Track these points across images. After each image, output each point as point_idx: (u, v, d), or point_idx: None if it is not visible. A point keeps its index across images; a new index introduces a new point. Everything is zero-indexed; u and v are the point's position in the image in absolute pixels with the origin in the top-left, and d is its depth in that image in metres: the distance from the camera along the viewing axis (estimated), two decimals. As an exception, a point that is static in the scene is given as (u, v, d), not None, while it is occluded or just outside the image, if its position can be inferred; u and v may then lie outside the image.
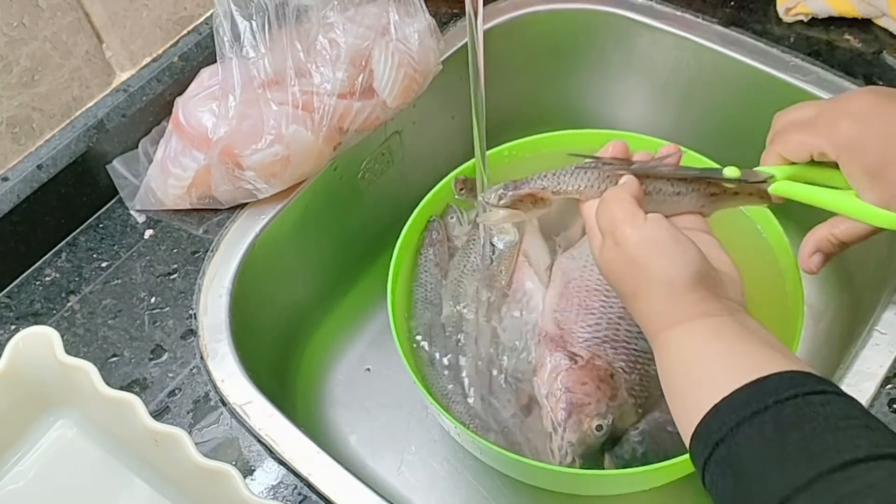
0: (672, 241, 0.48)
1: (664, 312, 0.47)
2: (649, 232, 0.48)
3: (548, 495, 0.62)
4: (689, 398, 0.44)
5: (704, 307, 0.47)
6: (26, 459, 0.60)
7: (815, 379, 0.41)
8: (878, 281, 0.69)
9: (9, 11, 0.62)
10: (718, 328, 0.46)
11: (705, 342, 0.45)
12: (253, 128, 0.66)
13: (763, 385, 0.40)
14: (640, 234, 0.48)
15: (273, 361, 0.75)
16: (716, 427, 0.40)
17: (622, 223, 0.49)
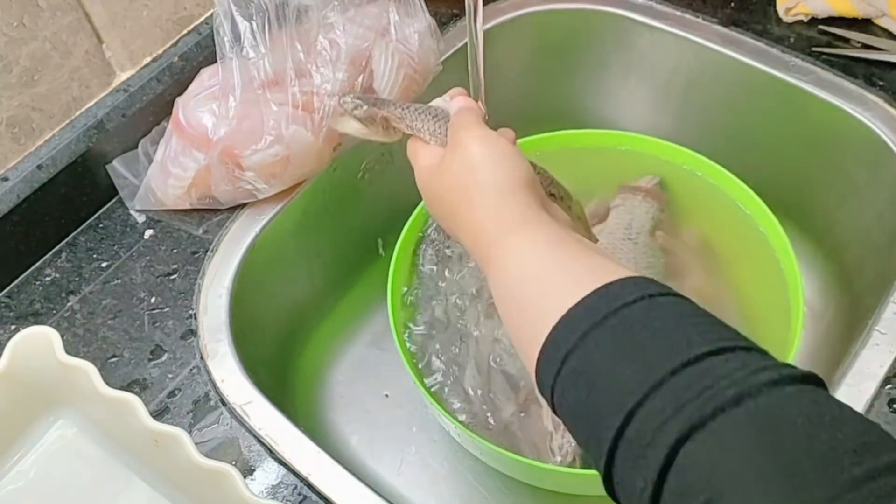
0: (511, 149, 0.49)
1: (494, 220, 0.46)
2: (491, 139, 0.49)
3: (548, 495, 0.62)
4: (533, 313, 0.41)
5: (536, 213, 0.46)
6: (26, 459, 0.60)
7: (656, 284, 0.39)
8: (878, 281, 0.69)
9: (9, 11, 0.62)
10: (556, 237, 0.44)
11: (545, 250, 0.43)
12: (253, 128, 0.66)
13: (609, 290, 0.38)
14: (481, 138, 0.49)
15: (273, 362, 0.75)
16: (564, 338, 0.38)
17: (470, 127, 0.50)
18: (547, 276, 0.42)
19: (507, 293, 0.44)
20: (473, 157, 0.49)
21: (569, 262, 0.42)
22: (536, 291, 0.42)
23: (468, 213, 0.48)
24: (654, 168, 0.72)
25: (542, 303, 0.40)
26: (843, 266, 0.78)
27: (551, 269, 0.42)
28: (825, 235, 0.80)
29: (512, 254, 0.44)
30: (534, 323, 0.40)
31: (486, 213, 0.47)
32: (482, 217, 0.47)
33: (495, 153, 0.49)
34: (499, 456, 0.56)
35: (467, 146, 0.49)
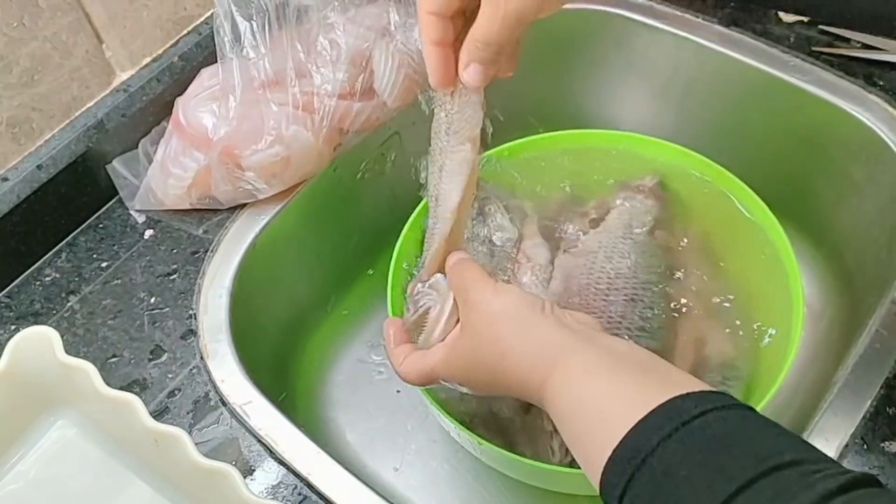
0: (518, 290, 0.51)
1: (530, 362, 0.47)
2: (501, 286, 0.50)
3: (548, 495, 0.62)
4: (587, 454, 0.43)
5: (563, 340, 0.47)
6: (26, 459, 0.60)
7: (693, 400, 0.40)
8: (878, 281, 0.69)
9: (9, 11, 0.62)
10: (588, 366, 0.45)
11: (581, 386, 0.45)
12: (253, 128, 0.66)
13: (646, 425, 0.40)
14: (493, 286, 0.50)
15: (273, 361, 0.74)
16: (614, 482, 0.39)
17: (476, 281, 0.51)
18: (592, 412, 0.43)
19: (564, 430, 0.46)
20: (491, 307, 0.49)
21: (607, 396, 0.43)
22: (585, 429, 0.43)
23: (504, 365, 0.48)
24: (654, 168, 0.72)
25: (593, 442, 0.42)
26: (842, 266, 0.78)
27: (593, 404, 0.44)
28: (825, 235, 0.80)
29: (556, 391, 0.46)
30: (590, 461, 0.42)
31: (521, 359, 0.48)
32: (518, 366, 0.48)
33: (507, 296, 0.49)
34: (499, 456, 0.56)
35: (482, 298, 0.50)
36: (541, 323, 0.48)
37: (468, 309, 0.51)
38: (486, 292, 0.50)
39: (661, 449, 0.38)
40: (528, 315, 0.48)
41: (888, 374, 0.58)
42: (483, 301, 0.50)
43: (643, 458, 0.38)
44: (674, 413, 0.39)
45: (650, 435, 0.39)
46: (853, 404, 0.57)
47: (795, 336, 0.58)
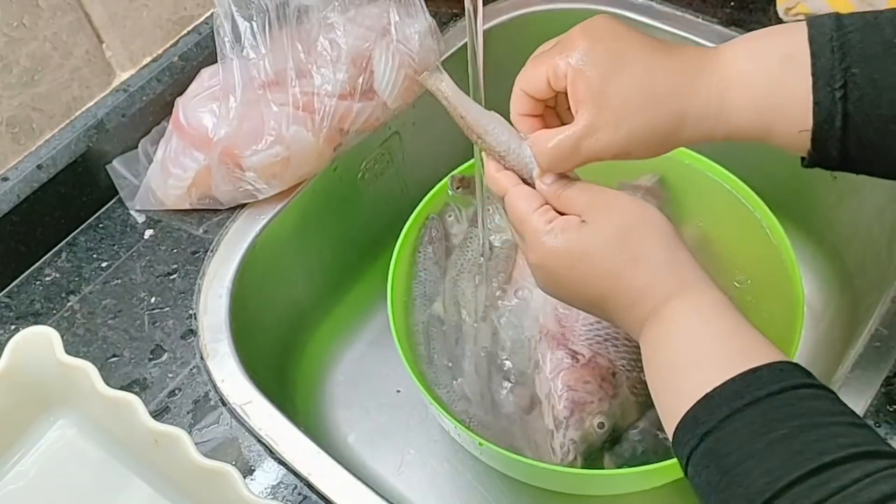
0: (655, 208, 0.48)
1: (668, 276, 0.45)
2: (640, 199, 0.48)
3: (548, 495, 0.62)
4: (681, 380, 0.43)
5: (700, 273, 0.46)
6: (26, 459, 0.60)
7: (801, 371, 0.41)
8: (878, 281, 0.69)
9: (9, 11, 0.62)
10: (716, 304, 0.44)
11: (706, 319, 0.44)
12: (253, 129, 0.66)
13: (757, 376, 0.40)
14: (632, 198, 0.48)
15: (273, 361, 0.74)
16: (705, 417, 0.40)
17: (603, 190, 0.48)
18: (703, 344, 0.43)
19: (661, 351, 0.45)
20: (633, 213, 0.47)
21: (726, 337, 0.43)
22: (690, 358, 0.43)
23: (635, 270, 0.46)
24: (653, 167, 0.72)
25: (693, 372, 0.42)
26: (843, 265, 0.78)
27: (708, 338, 0.43)
28: (825, 235, 0.80)
29: (676, 318, 0.44)
30: (680, 390, 0.42)
31: (656, 269, 0.45)
32: (652, 272, 0.45)
33: (653, 210, 0.47)
34: (499, 456, 0.56)
35: (621, 204, 0.47)
36: (680, 246, 0.46)
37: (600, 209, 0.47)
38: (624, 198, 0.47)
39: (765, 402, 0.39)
40: (671, 233, 0.46)
41: (888, 373, 0.58)
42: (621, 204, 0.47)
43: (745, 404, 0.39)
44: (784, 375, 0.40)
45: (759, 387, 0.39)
46: (854, 403, 0.57)
47: (795, 336, 0.58)
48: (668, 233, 0.46)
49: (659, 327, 0.45)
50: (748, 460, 0.37)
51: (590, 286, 0.47)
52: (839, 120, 0.43)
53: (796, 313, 0.59)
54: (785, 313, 0.61)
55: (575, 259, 0.47)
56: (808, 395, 0.39)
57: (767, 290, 0.64)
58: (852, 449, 0.36)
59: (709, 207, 0.70)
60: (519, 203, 0.50)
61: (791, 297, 0.61)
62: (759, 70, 0.45)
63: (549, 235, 0.47)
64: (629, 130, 0.46)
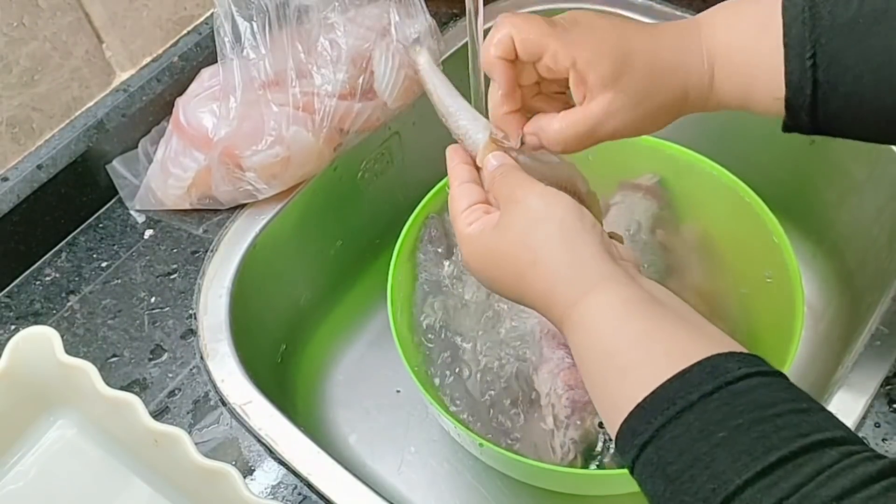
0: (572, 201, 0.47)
1: (566, 277, 0.44)
2: (550, 192, 0.47)
3: (548, 495, 0.62)
4: (611, 390, 0.41)
5: (606, 269, 0.44)
6: (26, 459, 0.60)
7: (736, 360, 0.39)
8: (878, 281, 0.69)
9: (9, 11, 0.62)
10: (630, 302, 0.42)
11: (620, 321, 0.42)
12: (253, 129, 0.66)
13: (687, 377, 0.38)
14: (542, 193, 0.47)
15: (273, 361, 0.74)
16: (641, 428, 0.38)
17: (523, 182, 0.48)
18: (625, 351, 0.41)
19: (585, 360, 0.43)
20: (537, 212, 0.46)
21: (648, 338, 0.41)
22: (615, 367, 0.41)
23: (534, 271, 0.45)
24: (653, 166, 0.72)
25: (621, 382, 0.40)
26: (842, 265, 0.78)
27: (629, 344, 0.41)
28: (825, 234, 0.80)
29: (587, 318, 0.43)
30: (613, 399, 0.41)
31: (554, 270, 0.44)
32: (550, 274, 0.45)
33: (559, 206, 0.46)
34: (499, 456, 0.56)
35: (528, 201, 0.47)
36: (586, 242, 0.45)
37: (511, 206, 0.47)
38: (533, 193, 0.47)
39: (700, 405, 0.37)
40: (575, 229, 0.45)
41: (888, 374, 0.58)
42: (528, 201, 0.47)
43: (679, 410, 0.37)
44: (717, 371, 0.38)
45: (690, 389, 0.37)
46: (854, 403, 0.57)
47: (795, 336, 0.58)
48: (571, 229, 0.45)
49: (574, 333, 0.44)
50: (692, 467, 0.36)
51: (506, 287, 0.48)
52: (809, 88, 0.45)
53: (796, 313, 0.59)
54: (785, 313, 0.61)
55: (488, 261, 0.48)
56: (744, 389, 0.37)
57: (767, 289, 0.64)
58: (801, 441, 0.34)
59: (709, 207, 0.70)
60: (453, 201, 0.51)
61: (791, 297, 0.61)
62: (737, 41, 0.48)
63: (469, 238, 0.48)
64: (645, 111, 0.48)
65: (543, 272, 0.45)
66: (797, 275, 0.61)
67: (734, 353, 0.39)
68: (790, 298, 0.61)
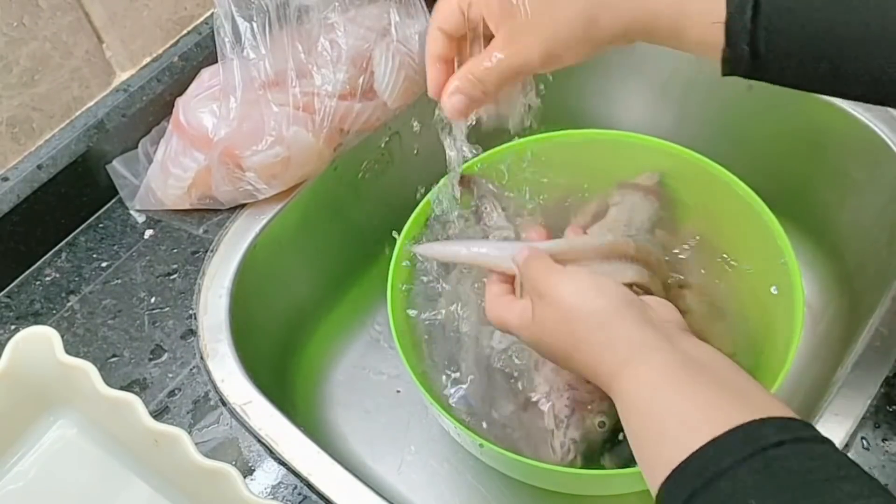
0: (593, 278, 0.50)
1: (605, 355, 0.47)
2: (573, 275, 0.50)
3: (548, 495, 0.62)
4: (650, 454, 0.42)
5: (644, 337, 0.46)
6: (26, 459, 0.60)
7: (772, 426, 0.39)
8: (878, 281, 0.69)
9: (9, 11, 0.62)
10: (668, 369, 0.44)
11: (657, 390, 0.44)
12: (254, 129, 0.66)
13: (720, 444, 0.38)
14: (565, 280, 0.49)
15: (273, 361, 0.74)
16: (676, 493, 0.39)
17: (548, 275, 0.50)
18: (664, 416, 0.42)
19: (631, 427, 0.45)
20: (565, 302, 0.48)
21: (684, 402, 0.42)
22: (654, 432, 0.42)
23: (578, 354, 0.48)
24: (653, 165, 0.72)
25: (660, 447, 0.41)
26: (842, 265, 0.78)
27: (667, 409, 0.42)
28: (825, 235, 0.80)
29: (630, 387, 0.45)
30: (652, 464, 0.41)
31: (594, 352, 0.47)
32: (592, 357, 0.47)
33: (583, 289, 0.48)
34: (499, 456, 0.56)
35: (555, 293, 0.49)
36: (620, 319, 0.47)
37: (540, 301, 0.50)
38: (557, 281, 0.49)
39: (732, 472, 0.37)
40: (608, 308, 0.47)
41: (888, 374, 0.58)
42: (555, 292, 0.49)
43: (711, 476, 0.37)
44: (752, 437, 0.38)
45: (723, 455, 0.38)
46: (853, 403, 0.57)
47: (795, 336, 0.58)
48: (602, 310, 0.47)
49: (619, 403, 0.46)
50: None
51: (560, 362, 0.51)
52: (749, 9, 0.44)
53: (796, 314, 0.59)
54: (785, 314, 0.61)
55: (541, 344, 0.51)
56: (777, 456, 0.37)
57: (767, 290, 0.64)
58: None
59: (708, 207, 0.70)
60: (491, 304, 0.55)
61: (791, 297, 0.61)
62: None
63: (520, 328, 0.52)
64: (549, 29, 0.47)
65: (586, 353, 0.48)
66: (797, 275, 0.61)
67: (771, 418, 0.39)
68: (790, 299, 0.61)
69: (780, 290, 0.62)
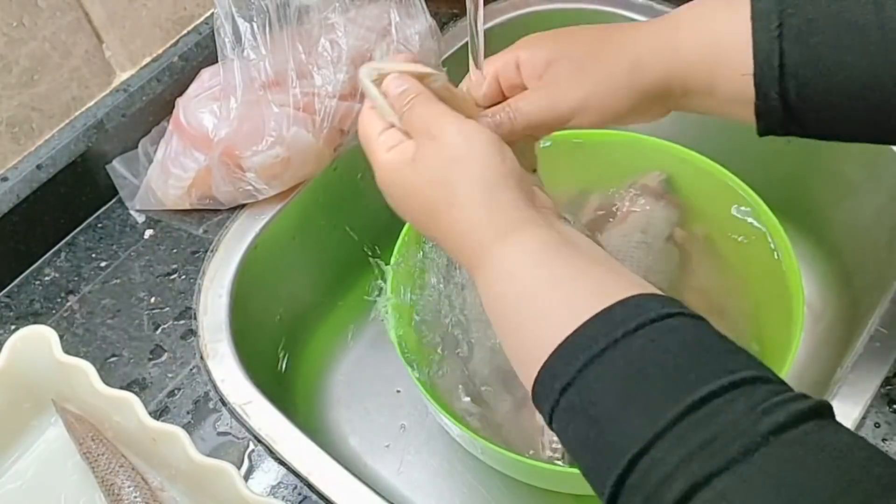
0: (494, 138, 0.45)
1: (484, 221, 0.42)
2: (471, 126, 0.45)
3: (548, 495, 0.62)
4: (528, 335, 0.39)
5: (525, 214, 0.43)
6: (24, 459, 0.60)
7: (658, 300, 0.37)
8: (878, 281, 0.69)
9: (8, 11, 0.62)
10: (548, 245, 0.41)
11: (537, 264, 0.40)
12: (254, 129, 0.66)
13: (610, 315, 0.36)
14: (462, 128, 0.44)
15: (273, 361, 0.74)
16: (561, 370, 0.36)
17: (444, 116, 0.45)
18: (543, 293, 0.39)
19: (500, 306, 0.42)
20: (456, 149, 0.44)
21: (567, 279, 0.40)
22: (532, 310, 0.39)
23: (449, 213, 0.43)
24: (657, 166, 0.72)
25: (539, 325, 0.39)
26: (842, 265, 0.78)
27: (548, 285, 0.40)
28: (824, 235, 0.80)
29: (503, 262, 0.41)
30: (529, 345, 0.39)
31: (471, 214, 0.43)
32: (467, 218, 0.43)
33: (480, 143, 0.44)
34: (499, 455, 0.56)
35: (447, 136, 0.44)
36: (507, 186, 0.43)
37: (427, 141, 0.45)
38: (452, 128, 0.44)
39: (624, 342, 0.35)
40: (496, 172, 0.43)
41: (888, 374, 0.58)
42: (446, 137, 0.44)
43: (602, 348, 0.35)
44: (641, 310, 0.36)
45: (613, 327, 0.36)
46: (854, 403, 0.57)
47: (795, 336, 0.58)
48: (491, 172, 0.43)
49: (487, 279, 0.42)
50: (619, 405, 0.34)
51: (419, 223, 0.47)
52: (776, 59, 0.44)
53: (796, 314, 0.59)
54: (785, 314, 0.61)
55: (402, 194, 0.46)
56: (670, 327, 0.36)
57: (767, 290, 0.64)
58: (730, 376, 0.33)
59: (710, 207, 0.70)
60: (366, 122, 0.49)
61: (791, 297, 0.61)
62: (705, 11, 0.47)
63: (384, 166, 0.47)
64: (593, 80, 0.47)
65: (459, 215, 0.43)
66: (797, 275, 0.61)
67: (656, 294, 0.38)
68: (790, 299, 0.61)
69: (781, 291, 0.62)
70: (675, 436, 0.32)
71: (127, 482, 0.56)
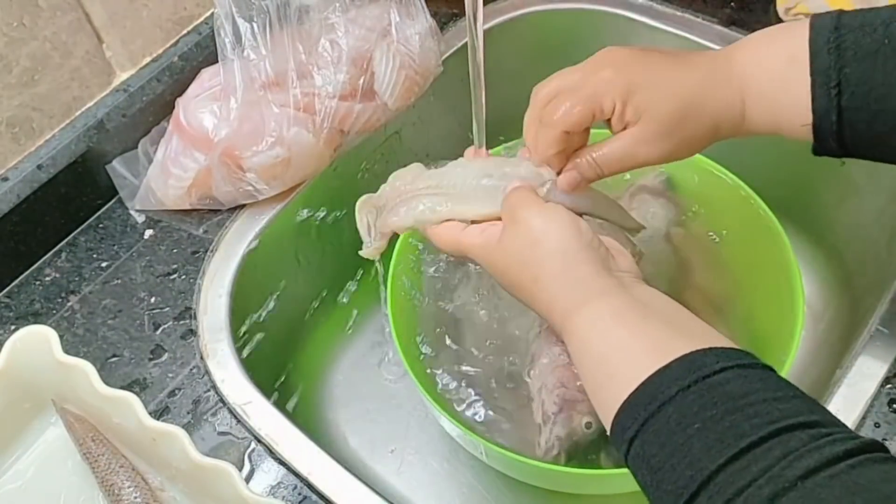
0: (570, 217, 0.50)
1: (562, 295, 0.48)
2: (549, 211, 0.51)
3: (548, 495, 0.62)
4: (603, 393, 0.44)
5: (600, 283, 0.48)
6: (24, 459, 0.60)
7: (715, 355, 0.41)
8: (878, 281, 0.69)
9: (9, 11, 0.62)
10: (618, 311, 0.46)
11: (608, 330, 0.45)
12: (254, 129, 0.66)
13: (666, 374, 0.41)
14: (540, 212, 0.50)
15: (273, 361, 0.74)
16: (627, 424, 0.41)
17: (527, 204, 0.51)
18: (613, 355, 0.44)
19: (581, 368, 0.47)
20: (533, 232, 0.49)
21: (631, 340, 0.44)
22: (604, 372, 0.44)
23: (534, 287, 0.49)
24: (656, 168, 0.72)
25: (611, 384, 0.43)
26: (842, 266, 0.78)
27: (616, 348, 0.44)
28: (825, 235, 0.80)
29: (580, 330, 0.46)
30: (606, 403, 0.43)
31: (552, 288, 0.48)
32: (549, 293, 0.49)
33: (554, 224, 0.49)
34: (499, 455, 0.56)
35: (527, 221, 0.50)
36: (583, 261, 0.48)
37: (512, 225, 0.51)
38: (532, 213, 0.50)
39: (678, 398, 0.39)
40: (572, 249, 0.49)
41: (888, 374, 0.58)
42: (527, 221, 0.50)
43: (659, 405, 0.39)
44: (695, 366, 0.40)
45: (669, 384, 0.40)
46: (853, 404, 0.57)
47: (795, 336, 0.58)
48: (567, 250, 0.49)
49: (571, 342, 0.47)
50: (671, 457, 0.38)
51: (514, 291, 0.52)
52: (834, 114, 0.47)
53: (796, 313, 0.59)
54: (785, 313, 0.61)
55: (496, 270, 0.52)
56: (720, 381, 0.39)
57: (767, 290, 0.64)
58: (770, 427, 0.36)
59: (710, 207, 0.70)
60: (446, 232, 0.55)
61: (791, 297, 0.61)
62: (766, 74, 0.50)
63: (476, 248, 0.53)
64: (677, 141, 0.51)
65: (543, 287, 0.49)
66: (798, 276, 0.61)
67: (714, 348, 0.42)
68: (790, 299, 0.61)
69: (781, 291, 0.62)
70: (717, 484, 0.36)
71: (127, 482, 0.56)
